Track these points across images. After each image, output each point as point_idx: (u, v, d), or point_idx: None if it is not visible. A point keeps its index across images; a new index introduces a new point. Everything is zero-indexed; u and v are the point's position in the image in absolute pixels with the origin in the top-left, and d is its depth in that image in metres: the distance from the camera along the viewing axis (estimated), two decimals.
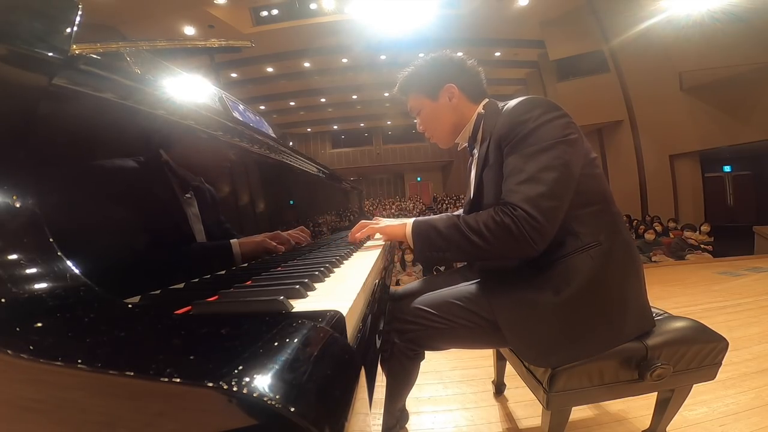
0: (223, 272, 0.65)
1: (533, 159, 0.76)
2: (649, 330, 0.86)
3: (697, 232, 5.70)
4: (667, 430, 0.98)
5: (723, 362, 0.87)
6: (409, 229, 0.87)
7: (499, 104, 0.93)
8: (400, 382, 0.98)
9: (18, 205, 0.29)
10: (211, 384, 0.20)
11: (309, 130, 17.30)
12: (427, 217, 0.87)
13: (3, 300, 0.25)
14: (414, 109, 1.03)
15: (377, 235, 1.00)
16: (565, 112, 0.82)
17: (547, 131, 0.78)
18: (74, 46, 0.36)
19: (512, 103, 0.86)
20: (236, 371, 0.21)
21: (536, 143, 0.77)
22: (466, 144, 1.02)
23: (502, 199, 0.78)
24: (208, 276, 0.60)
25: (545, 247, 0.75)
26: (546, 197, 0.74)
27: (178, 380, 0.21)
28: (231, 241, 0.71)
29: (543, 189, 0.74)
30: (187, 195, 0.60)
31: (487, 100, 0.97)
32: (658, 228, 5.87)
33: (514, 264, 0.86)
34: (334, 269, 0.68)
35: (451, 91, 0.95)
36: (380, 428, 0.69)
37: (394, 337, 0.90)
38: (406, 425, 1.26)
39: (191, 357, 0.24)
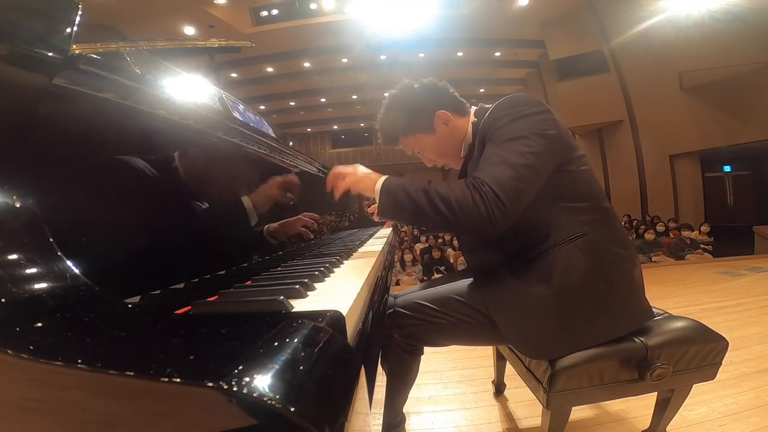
0: (223, 272, 0.65)
1: (505, 146, 0.79)
2: (648, 324, 0.86)
3: (696, 231, 5.70)
4: (667, 430, 0.98)
5: (723, 362, 0.87)
6: (378, 185, 0.84)
7: (486, 106, 0.94)
8: (401, 379, 0.98)
9: (18, 205, 0.29)
10: (211, 384, 0.20)
11: (309, 130, 17.29)
12: (399, 178, 0.86)
13: (3, 300, 0.25)
14: (414, 150, 1.02)
15: (376, 236, 1.00)
16: (548, 108, 0.83)
17: (522, 124, 0.80)
18: (74, 46, 0.36)
19: (496, 103, 0.89)
20: (236, 371, 0.21)
21: (510, 133, 0.80)
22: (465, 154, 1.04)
23: (471, 175, 0.79)
24: (209, 276, 0.60)
25: (504, 230, 0.75)
26: (512, 179, 0.75)
27: (178, 380, 0.21)
28: (242, 198, 0.69)
29: (511, 172, 0.75)
30: (180, 186, 0.60)
31: (474, 107, 0.99)
32: (661, 228, 5.86)
33: (503, 260, 0.88)
34: (334, 269, 0.68)
35: (444, 117, 0.95)
36: (380, 428, 0.69)
37: (393, 332, 0.90)
38: (405, 425, 1.26)
39: (191, 357, 0.24)
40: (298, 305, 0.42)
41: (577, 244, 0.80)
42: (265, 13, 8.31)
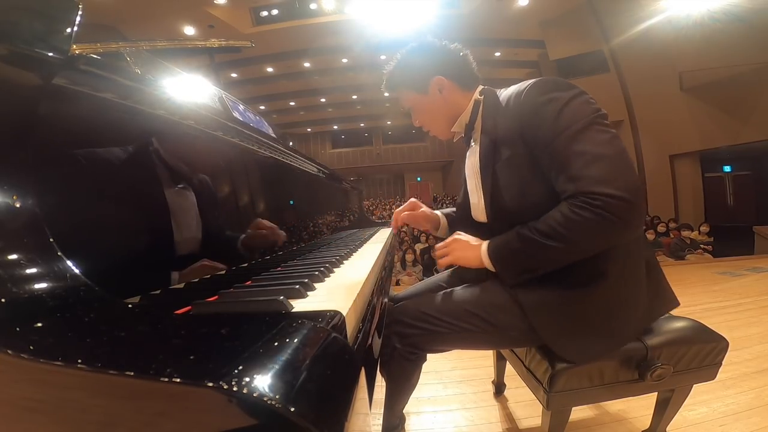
0: (223, 272, 0.65)
1: (582, 138, 0.69)
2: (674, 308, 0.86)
3: (696, 232, 5.71)
4: (667, 430, 0.98)
5: (723, 362, 0.87)
6: (485, 258, 0.80)
7: (498, 92, 0.89)
8: (402, 386, 0.97)
9: (18, 205, 0.29)
10: (211, 384, 0.20)
11: (309, 130, 17.31)
12: (500, 240, 0.80)
13: (3, 300, 0.25)
14: (405, 104, 0.98)
15: (376, 236, 0.98)
16: (581, 89, 0.76)
17: (579, 108, 0.71)
18: (74, 46, 0.36)
19: (515, 88, 0.81)
20: (236, 371, 0.21)
21: (575, 122, 0.70)
22: (462, 133, 0.97)
23: (564, 192, 0.71)
24: (209, 276, 0.60)
25: (641, 223, 0.69)
26: (621, 171, 0.66)
27: (178, 380, 0.21)
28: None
29: (612, 165, 0.66)
30: (181, 186, 0.60)
31: (482, 87, 0.93)
32: (661, 228, 5.86)
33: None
34: (334, 269, 0.68)
35: (440, 84, 0.90)
36: (380, 428, 0.69)
37: (395, 341, 0.89)
38: (405, 425, 1.26)
39: (191, 357, 0.24)
40: (298, 305, 0.42)
41: (615, 248, 0.75)
42: (265, 13, 8.32)
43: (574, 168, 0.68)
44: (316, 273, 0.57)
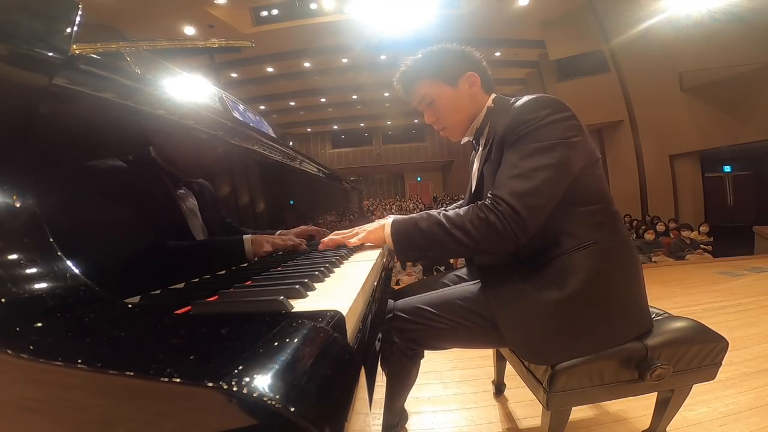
0: (223, 272, 0.65)
1: (529, 156, 0.77)
2: (648, 331, 0.85)
3: (696, 232, 5.71)
4: (667, 430, 0.98)
5: (723, 362, 0.87)
6: (388, 230, 0.84)
7: (510, 100, 0.92)
8: (400, 382, 0.98)
9: (18, 205, 0.29)
10: (211, 384, 0.20)
11: (309, 130, 17.29)
12: (406, 216, 0.85)
13: (3, 300, 0.25)
14: (427, 96, 0.95)
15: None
16: (573, 114, 0.81)
17: (549, 131, 0.78)
18: (74, 46, 0.36)
19: (522, 100, 0.85)
20: (236, 371, 0.21)
21: (535, 141, 0.77)
22: (471, 138, 1.00)
23: (490, 191, 0.79)
24: (208, 276, 0.60)
25: (525, 242, 0.76)
26: (533, 195, 0.74)
27: (178, 380, 0.21)
28: (244, 237, 0.71)
29: (531, 186, 0.75)
30: (181, 191, 0.60)
31: (495, 95, 0.97)
32: (661, 228, 5.86)
33: (512, 263, 0.87)
34: (334, 269, 0.68)
35: (472, 80, 0.93)
36: (380, 428, 0.69)
37: (394, 336, 0.90)
38: (406, 425, 1.26)
39: (191, 357, 0.24)
40: (298, 305, 0.42)
41: (587, 252, 0.79)
42: (265, 13, 8.31)
43: (505, 175, 0.78)
44: (316, 273, 0.57)
